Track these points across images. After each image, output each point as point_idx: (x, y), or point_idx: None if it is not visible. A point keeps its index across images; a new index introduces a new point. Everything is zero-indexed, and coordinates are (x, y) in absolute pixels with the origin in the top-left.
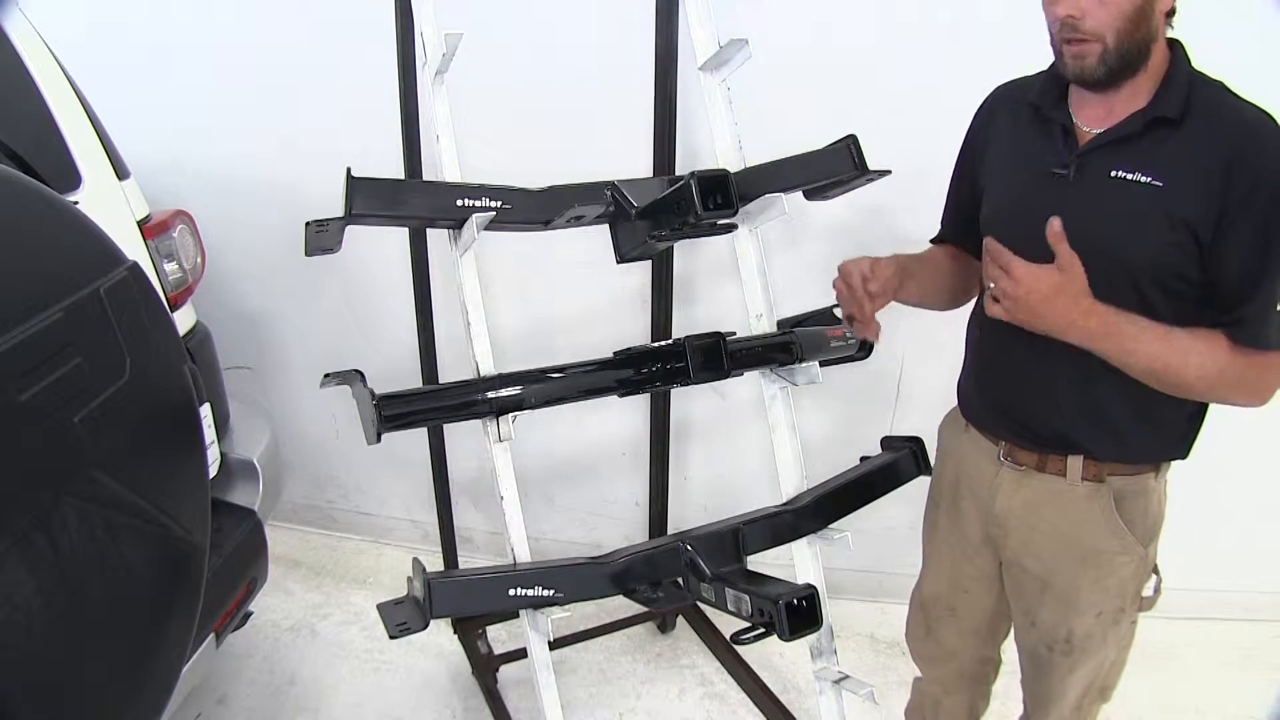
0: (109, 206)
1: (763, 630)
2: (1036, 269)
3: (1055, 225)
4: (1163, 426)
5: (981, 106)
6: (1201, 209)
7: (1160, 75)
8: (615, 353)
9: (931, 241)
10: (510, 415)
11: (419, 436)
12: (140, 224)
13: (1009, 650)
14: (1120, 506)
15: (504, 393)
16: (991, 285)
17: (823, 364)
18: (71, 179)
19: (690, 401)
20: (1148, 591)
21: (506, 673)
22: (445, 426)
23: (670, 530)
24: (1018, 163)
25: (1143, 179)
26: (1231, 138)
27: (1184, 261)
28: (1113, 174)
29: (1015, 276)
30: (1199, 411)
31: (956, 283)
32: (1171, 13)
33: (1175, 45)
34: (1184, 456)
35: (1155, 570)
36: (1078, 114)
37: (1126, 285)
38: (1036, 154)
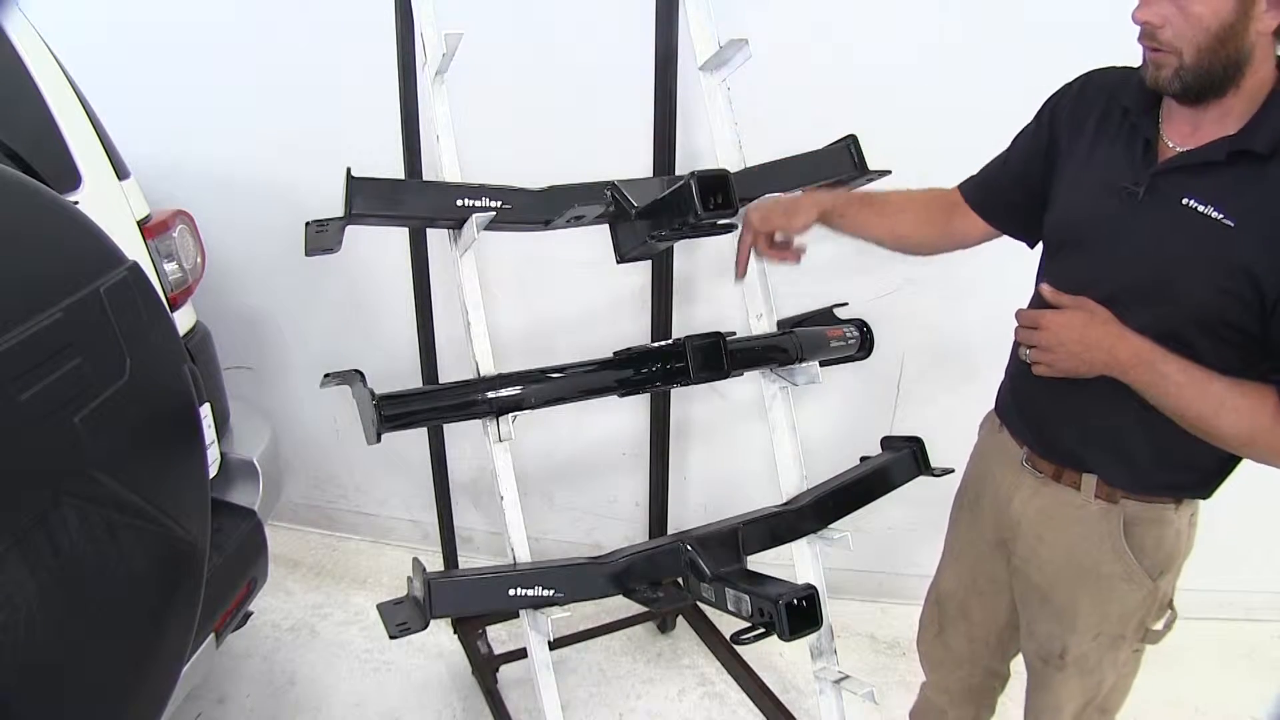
0: (109, 206)
1: (763, 630)
2: (1061, 312)
3: (1045, 290)
4: (1184, 469)
5: (1073, 85)
6: (1269, 259)
7: (1259, 100)
8: (615, 353)
9: (958, 189)
10: (510, 415)
11: (419, 436)
12: (140, 224)
13: (1015, 662)
14: (1130, 531)
15: (504, 393)
16: (1027, 353)
17: (823, 364)
18: (71, 179)
19: (690, 401)
20: (1158, 625)
21: (506, 673)
22: (445, 426)
23: (670, 530)
24: (1093, 168)
25: (1213, 214)
26: None
27: (1238, 312)
28: (1184, 201)
29: (1045, 325)
30: (1231, 459)
31: (930, 228)
32: None
33: None
34: (1205, 498)
35: (1171, 606)
36: (1165, 126)
37: (1167, 324)
38: (1113, 162)
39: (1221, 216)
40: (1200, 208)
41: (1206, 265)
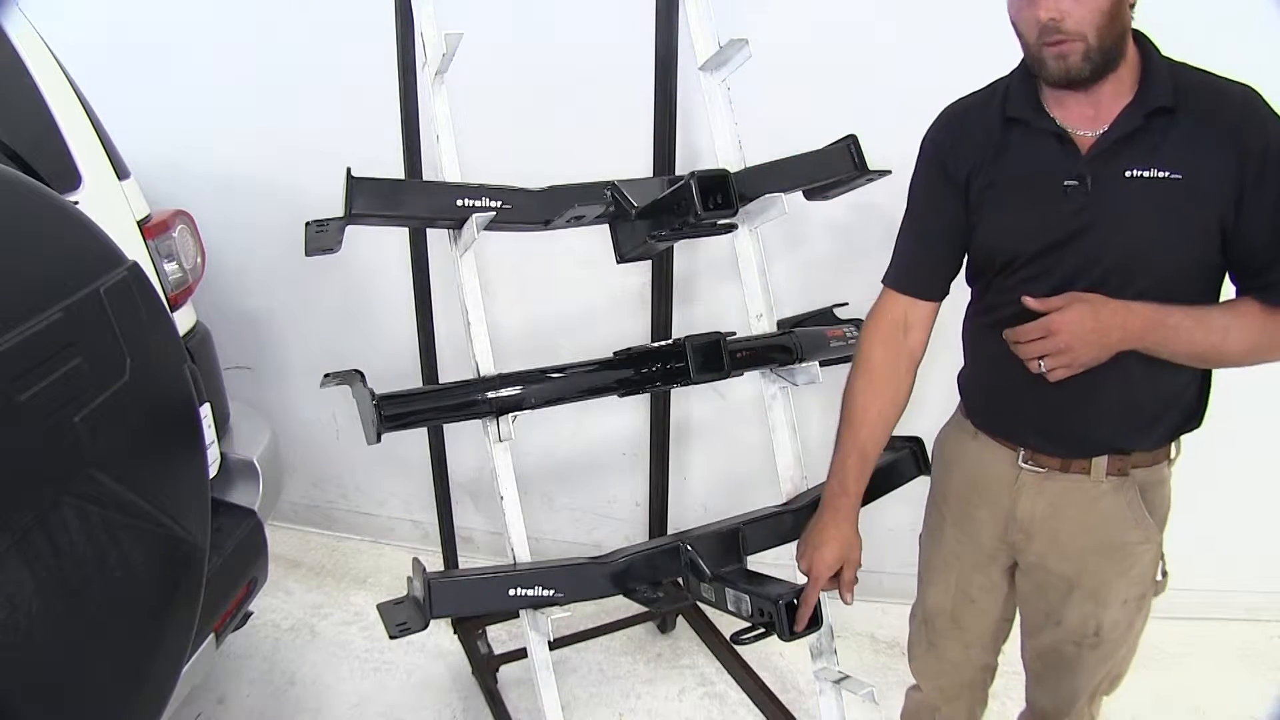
0: (109, 206)
1: (763, 630)
2: (1067, 311)
3: (1031, 302)
4: (1184, 407)
5: (931, 138)
6: (1222, 193)
7: (1136, 66)
8: (615, 353)
9: (884, 282)
10: (510, 415)
11: (419, 436)
12: (140, 224)
13: (1004, 655)
14: (1144, 497)
15: (504, 393)
16: (1041, 362)
17: (823, 364)
18: (71, 179)
19: (690, 401)
20: (1158, 575)
21: (506, 673)
22: (445, 426)
23: (670, 530)
24: (1017, 183)
25: (1160, 174)
26: (1232, 118)
27: (1211, 251)
28: (1127, 174)
29: (1056, 328)
30: (1206, 380)
31: (906, 381)
32: (1133, 4)
33: (1140, 34)
34: (1198, 427)
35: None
36: (1063, 119)
37: (1155, 293)
38: (1037, 169)
39: (1167, 174)
40: (1145, 173)
41: (1177, 222)
